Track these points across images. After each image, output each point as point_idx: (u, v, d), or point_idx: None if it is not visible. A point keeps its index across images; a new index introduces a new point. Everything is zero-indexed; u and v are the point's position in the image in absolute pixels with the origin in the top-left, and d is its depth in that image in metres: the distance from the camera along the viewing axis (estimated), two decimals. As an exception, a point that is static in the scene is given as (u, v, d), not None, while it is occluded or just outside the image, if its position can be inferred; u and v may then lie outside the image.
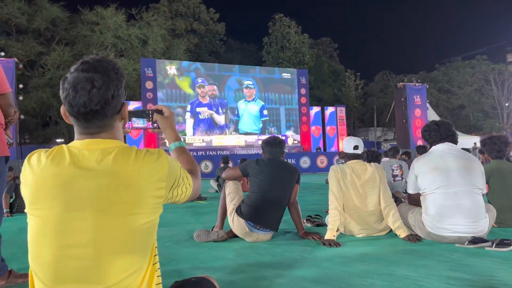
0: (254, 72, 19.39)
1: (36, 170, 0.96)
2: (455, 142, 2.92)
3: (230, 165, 8.82)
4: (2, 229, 2.34)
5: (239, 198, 3.09)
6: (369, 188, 3.02)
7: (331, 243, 2.75)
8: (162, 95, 16.88)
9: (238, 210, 2.97)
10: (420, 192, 2.89)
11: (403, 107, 18.20)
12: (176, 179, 1.07)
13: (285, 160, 3.26)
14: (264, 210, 2.93)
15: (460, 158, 2.78)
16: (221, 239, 3.01)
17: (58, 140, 24.13)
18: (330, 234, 2.84)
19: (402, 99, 18.22)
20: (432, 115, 20.40)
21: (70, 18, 23.16)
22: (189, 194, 1.15)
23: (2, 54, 11.30)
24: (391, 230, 2.99)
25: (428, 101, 19.42)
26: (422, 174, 2.83)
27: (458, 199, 2.66)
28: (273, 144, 3.16)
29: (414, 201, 3.00)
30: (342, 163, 3.19)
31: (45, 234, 0.93)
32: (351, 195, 3.01)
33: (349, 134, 23.34)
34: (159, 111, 1.32)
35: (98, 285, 0.92)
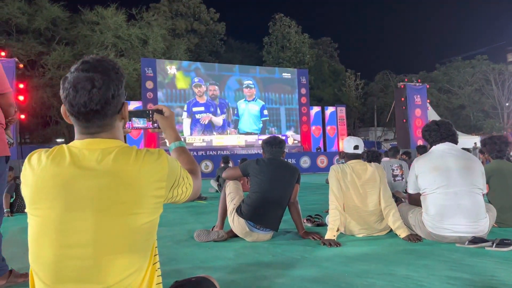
0: (254, 72, 19.39)
1: (36, 170, 0.96)
2: (456, 142, 2.91)
3: (230, 165, 8.82)
4: (3, 228, 2.34)
5: (239, 198, 3.09)
6: (369, 188, 3.02)
7: (331, 243, 2.75)
8: (162, 95, 16.88)
9: (239, 210, 2.97)
10: (420, 192, 2.89)
11: (403, 107, 18.21)
12: (176, 179, 1.07)
13: (285, 160, 3.26)
14: (264, 210, 2.94)
15: (460, 158, 2.78)
16: (221, 239, 3.01)
17: (59, 140, 24.15)
18: (330, 234, 2.84)
19: (403, 99, 18.23)
20: (432, 115, 20.40)
21: (70, 18, 23.14)
22: (189, 194, 1.15)
23: (3, 54, 11.30)
24: (391, 230, 2.99)
25: (428, 101, 19.42)
26: (422, 174, 2.83)
27: (458, 199, 2.66)
28: (273, 144, 3.16)
29: (414, 201, 3.01)
30: (343, 163, 3.19)
31: (45, 234, 0.93)
32: (351, 195, 3.01)
33: (349, 134, 23.34)
34: (159, 111, 1.32)
35: (98, 285, 0.92)
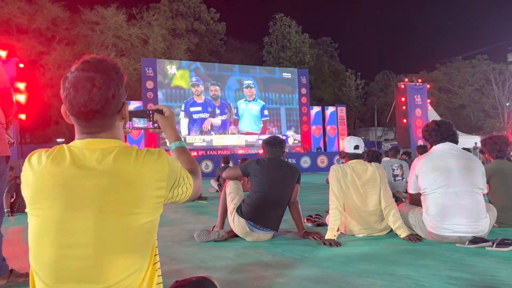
0: (255, 72, 19.39)
1: (36, 170, 0.96)
2: (456, 142, 2.91)
3: (230, 164, 8.82)
4: (3, 228, 2.34)
5: (240, 198, 3.09)
6: (369, 187, 3.02)
7: (332, 243, 2.75)
8: (162, 95, 16.88)
9: (239, 210, 2.97)
10: (420, 192, 2.88)
11: (404, 107, 18.21)
12: (176, 179, 1.07)
13: (285, 160, 3.26)
14: (264, 209, 2.93)
15: (460, 158, 2.78)
16: (221, 239, 3.01)
17: (59, 139, 24.16)
18: (330, 234, 2.84)
19: (403, 99, 18.23)
20: (432, 115, 20.39)
21: (70, 18, 23.17)
22: (189, 194, 1.15)
23: (3, 53, 11.30)
24: (392, 230, 2.99)
25: (428, 100, 19.41)
26: (422, 174, 2.83)
27: (459, 199, 2.66)
28: (273, 144, 3.16)
29: (415, 201, 3.00)
30: (343, 163, 3.19)
31: (45, 233, 0.93)
32: (352, 195, 3.01)
33: (349, 134, 23.35)
34: (160, 111, 1.32)
35: (99, 284, 0.91)
